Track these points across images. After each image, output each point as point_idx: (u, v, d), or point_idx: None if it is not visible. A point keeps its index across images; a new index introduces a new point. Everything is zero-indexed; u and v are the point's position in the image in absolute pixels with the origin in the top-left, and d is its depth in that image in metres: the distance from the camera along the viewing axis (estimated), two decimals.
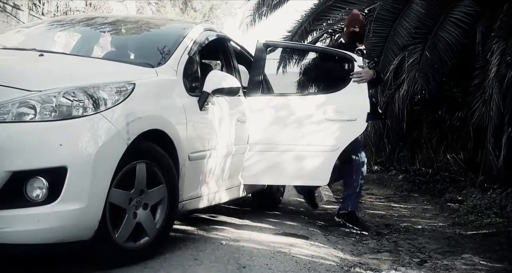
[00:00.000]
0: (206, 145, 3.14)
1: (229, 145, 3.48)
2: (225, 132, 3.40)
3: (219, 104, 3.33)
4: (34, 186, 2.08)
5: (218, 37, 3.76)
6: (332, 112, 3.80)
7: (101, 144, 2.21)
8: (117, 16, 4.57)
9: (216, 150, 3.27)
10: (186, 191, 2.94)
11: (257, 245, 3.12)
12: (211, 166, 3.24)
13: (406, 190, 6.93)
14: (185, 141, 2.87)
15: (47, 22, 3.93)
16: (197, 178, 3.10)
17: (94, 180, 2.17)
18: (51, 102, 2.18)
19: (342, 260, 3.06)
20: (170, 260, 2.57)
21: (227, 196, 3.60)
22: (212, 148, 3.20)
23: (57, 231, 2.11)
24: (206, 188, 3.24)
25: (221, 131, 3.33)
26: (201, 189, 3.17)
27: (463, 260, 3.17)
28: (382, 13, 6.74)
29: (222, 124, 3.36)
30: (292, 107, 3.90)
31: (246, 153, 3.78)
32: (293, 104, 3.96)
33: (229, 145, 3.47)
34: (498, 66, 5.26)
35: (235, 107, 3.63)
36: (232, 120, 3.54)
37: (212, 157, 3.22)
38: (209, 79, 3.12)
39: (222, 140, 3.34)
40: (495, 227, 4.35)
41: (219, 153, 3.33)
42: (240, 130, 3.65)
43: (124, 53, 3.56)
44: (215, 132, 3.25)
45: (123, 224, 2.42)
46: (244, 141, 3.74)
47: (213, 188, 3.33)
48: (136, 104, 2.49)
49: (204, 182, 3.20)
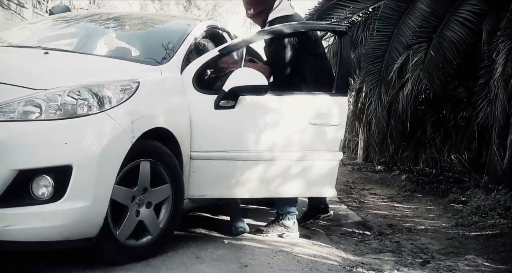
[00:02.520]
0: (217, 145, 3.01)
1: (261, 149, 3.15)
2: (257, 134, 3.13)
3: (257, 103, 3.11)
4: (40, 184, 2.10)
5: (222, 34, 3.75)
6: None
7: (106, 142, 2.22)
8: (121, 13, 4.57)
9: (235, 152, 3.06)
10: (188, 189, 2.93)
11: (259, 244, 3.12)
12: (218, 168, 3.06)
13: (409, 190, 6.91)
14: (189, 139, 2.87)
15: (52, 19, 3.94)
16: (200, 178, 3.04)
17: (99, 178, 2.19)
18: (57, 101, 2.19)
19: (344, 260, 3.05)
20: (172, 258, 2.58)
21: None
22: (227, 149, 3.04)
23: (62, 229, 2.13)
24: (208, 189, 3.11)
25: (251, 133, 3.11)
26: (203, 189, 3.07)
27: (466, 261, 3.16)
28: (387, 11, 6.71)
29: (255, 124, 3.13)
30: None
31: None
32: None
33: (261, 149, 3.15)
34: (504, 66, 5.23)
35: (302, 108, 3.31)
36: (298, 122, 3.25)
37: (224, 159, 3.04)
38: (231, 77, 2.99)
39: (250, 142, 3.10)
40: (499, 228, 4.33)
41: (239, 155, 3.08)
42: (308, 134, 3.28)
43: (128, 50, 3.57)
44: (235, 132, 3.06)
45: (125, 221, 2.43)
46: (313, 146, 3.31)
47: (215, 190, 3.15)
48: (140, 103, 2.50)
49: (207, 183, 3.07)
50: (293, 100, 3.33)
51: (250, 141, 3.12)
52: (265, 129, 3.17)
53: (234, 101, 3.01)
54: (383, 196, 6.64)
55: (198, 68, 3.03)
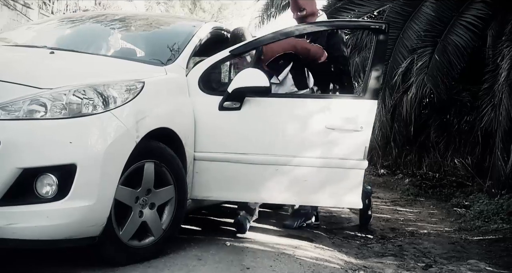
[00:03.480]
0: (221, 147, 2.98)
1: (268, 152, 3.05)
2: (263, 137, 3.04)
3: (265, 105, 3.05)
4: (44, 183, 2.10)
5: (227, 36, 3.75)
6: None
7: (110, 142, 2.22)
8: (127, 14, 4.59)
9: (239, 154, 3.01)
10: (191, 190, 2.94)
11: (261, 246, 3.12)
12: (222, 170, 3.02)
13: (412, 194, 6.90)
14: (193, 140, 2.87)
15: (58, 19, 3.95)
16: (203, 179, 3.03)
17: (103, 178, 2.19)
18: (62, 100, 2.20)
19: (346, 263, 3.04)
20: (174, 260, 2.58)
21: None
22: (231, 151, 3.00)
23: (66, 227, 2.13)
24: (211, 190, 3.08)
25: (256, 135, 3.03)
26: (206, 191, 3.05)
27: (468, 265, 3.15)
28: (392, 15, 6.72)
29: (261, 127, 3.05)
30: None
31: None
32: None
33: (267, 152, 3.05)
34: (508, 71, 5.23)
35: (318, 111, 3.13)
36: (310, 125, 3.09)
37: (228, 161, 3.00)
38: (235, 78, 2.98)
39: (255, 144, 3.03)
40: (502, 233, 4.32)
41: (242, 158, 3.02)
42: (325, 139, 3.09)
43: (133, 50, 3.57)
44: (240, 134, 3.01)
45: (128, 222, 2.43)
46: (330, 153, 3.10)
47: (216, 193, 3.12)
48: (145, 103, 2.50)
49: (210, 184, 3.05)
50: (306, 103, 3.20)
51: (255, 144, 3.04)
52: (272, 132, 3.07)
53: (239, 103, 2.98)
54: (386, 199, 6.63)
55: (205, 69, 3.03)
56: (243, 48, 3.17)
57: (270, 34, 3.18)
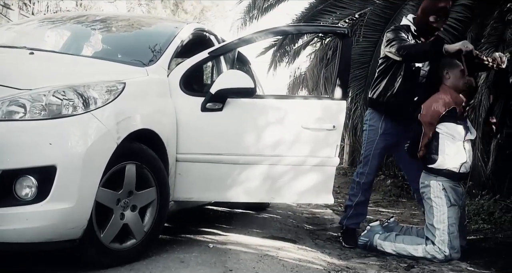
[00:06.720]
0: (203, 148, 2.98)
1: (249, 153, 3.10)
2: (245, 137, 3.08)
3: (246, 106, 3.09)
4: (23, 185, 2.07)
5: (209, 37, 3.75)
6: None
7: (90, 143, 2.19)
8: (108, 14, 4.56)
9: (222, 155, 3.03)
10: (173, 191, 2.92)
11: (244, 248, 3.11)
12: (204, 171, 3.03)
13: (394, 195, 6.95)
14: (175, 141, 2.86)
15: (38, 20, 3.90)
16: (186, 181, 3.02)
17: (83, 179, 2.16)
18: (41, 101, 2.17)
19: (329, 264, 3.05)
20: (156, 262, 2.56)
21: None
22: (213, 152, 3.01)
23: (46, 230, 2.10)
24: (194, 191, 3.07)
25: (238, 136, 3.07)
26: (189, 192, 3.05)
27: (450, 265, 3.18)
28: (373, 18, 6.75)
29: (242, 128, 3.09)
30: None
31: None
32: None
33: (248, 152, 3.10)
34: (487, 72, 5.30)
35: (295, 112, 3.25)
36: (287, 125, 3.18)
37: (210, 162, 3.01)
38: (218, 79, 3.00)
39: (237, 145, 3.07)
40: (483, 233, 4.37)
41: (224, 158, 3.05)
42: (301, 139, 3.21)
43: (114, 51, 3.54)
44: (222, 135, 3.03)
45: (109, 224, 2.40)
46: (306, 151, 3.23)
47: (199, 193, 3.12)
48: (126, 104, 2.48)
49: (193, 185, 3.05)
50: (284, 104, 3.30)
51: (238, 144, 3.09)
52: (252, 133, 3.14)
53: (221, 104, 3.00)
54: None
55: (186, 70, 3.03)
56: (221, 50, 3.27)
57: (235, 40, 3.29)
